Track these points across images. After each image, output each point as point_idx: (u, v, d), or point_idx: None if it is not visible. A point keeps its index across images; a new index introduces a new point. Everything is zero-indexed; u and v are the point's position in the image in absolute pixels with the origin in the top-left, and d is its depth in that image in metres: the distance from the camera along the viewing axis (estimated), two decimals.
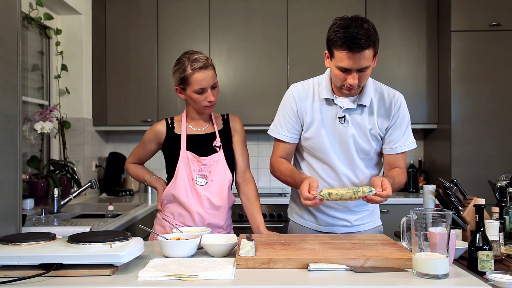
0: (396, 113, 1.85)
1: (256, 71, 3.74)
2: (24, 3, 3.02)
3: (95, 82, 3.80)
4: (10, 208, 1.61)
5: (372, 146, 1.87)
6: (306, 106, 1.87)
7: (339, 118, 1.83)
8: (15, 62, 1.64)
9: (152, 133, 2.05)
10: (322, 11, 3.69)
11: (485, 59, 3.45)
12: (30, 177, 3.02)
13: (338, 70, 1.70)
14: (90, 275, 1.30)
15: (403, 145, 1.88)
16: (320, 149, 1.88)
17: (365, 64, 1.66)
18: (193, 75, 1.88)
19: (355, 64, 1.66)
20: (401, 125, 1.86)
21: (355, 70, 1.68)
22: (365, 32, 1.62)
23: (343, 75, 1.70)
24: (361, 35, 1.61)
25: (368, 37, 1.62)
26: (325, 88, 1.85)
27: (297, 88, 1.91)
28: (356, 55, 1.63)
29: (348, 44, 1.62)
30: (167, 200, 2.00)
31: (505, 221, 1.85)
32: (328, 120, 1.86)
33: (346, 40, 1.62)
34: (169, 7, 3.77)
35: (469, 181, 3.20)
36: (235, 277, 1.30)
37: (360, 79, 1.71)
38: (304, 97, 1.88)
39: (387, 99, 1.86)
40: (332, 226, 1.95)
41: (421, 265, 1.29)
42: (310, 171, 1.93)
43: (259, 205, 2.01)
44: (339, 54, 1.66)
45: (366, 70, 1.69)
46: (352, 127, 1.84)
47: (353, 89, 1.75)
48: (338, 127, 1.84)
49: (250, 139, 4.02)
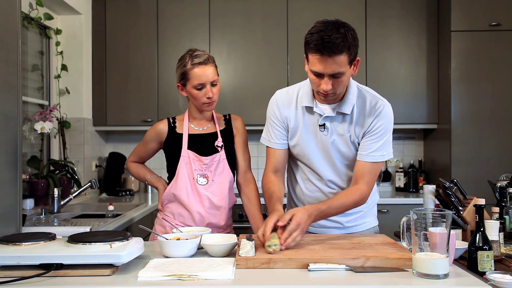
0: (373, 122, 1.76)
1: (256, 71, 3.74)
2: (24, 3, 3.02)
3: (95, 82, 3.80)
4: (10, 208, 1.61)
5: (352, 152, 1.82)
6: (289, 113, 1.85)
7: (320, 126, 1.80)
8: (15, 62, 1.64)
9: (153, 132, 2.05)
10: (322, 11, 3.69)
11: (485, 59, 3.44)
12: (30, 177, 3.02)
13: (312, 74, 1.65)
14: (90, 275, 1.30)
15: (372, 155, 1.76)
16: (305, 156, 1.86)
17: (337, 70, 1.59)
18: (192, 70, 1.89)
19: (327, 68, 1.59)
20: (375, 134, 1.77)
21: (327, 75, 1.61)
22: (340, 36, 1.55)
23: (317, 80, 1.65)
24: (334, 39, 1.55)
25: (342, 41, 1.56)
26: (305, 95, 1.82)
27: (280, 95, 1.89)
28: (328, 59, 1.57)
29: (318, 47, 1.56)
30: (168, 200, 2.00)
31: (505, 221, 1.85)
32: (310, 127, 1.83)
33: (317, 43, 1.56)
34: (169, 7, 3.77)
35: (469, 181, 3.20)
36: (235, 277, 1.30)
37: (335, 85, 1.64)
38: (287, 104, 1.85)
39: (368, 107, 1.78)
40: (324, 228, 1.92)
41: (421, 265, 1.29)
42: (301, 175, 1.93)
43: (260, 206, 2.02)
44: (312, 58, 1.61)
45: (340, 77, 1.62)
46: (333, 135, 1.80)
47: (329, 96, 1.69)
48: (319, 134, 1.81)
49: (250, 139, 3.99)
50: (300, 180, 1.93)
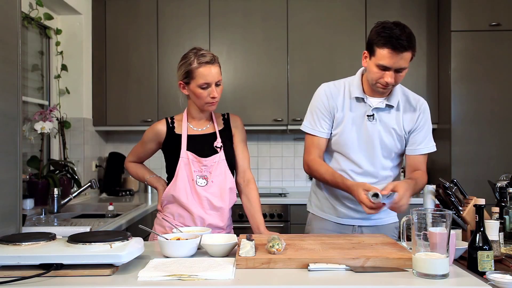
0: (420, 117, 1.97)
1: (256, 71, 3.74)
2: (24, 3, 3.02)
3: (95, 82, 3.80)
4: (10, 208, 1.61)
5: (395, 144, 1.97)
6: (337, 103, 1.97)
7: (368, 116, 1.93)
8: (15, 62, 1.64)
9: (152, 132, 2.04)
10: (322, 11, 3.69)
11: (485, 59, 3.44)
12: (30, 177, 3.02)
13: (377, 68, 1.81)
14: (90, 275, 1.30)
15: (425, 147, 1.99)
16: (347, 144, 1.96)
17: (403, 65, 1.78)
18: (199, 69, 1.89)
19: (395, 63, 1.77)
20: (424, 128, 1.98)
21: (393, 69, 1.79)
22: (407, 35, 1.76)
23: (381, 73, 1.81)
24: (404, 37, 1.74)
25: (410, 40, 1.76)
26: (356, 87, 1.96)
27: (328, 87, 2.01)
28: (398, 55, 1.75)
29: (392, 43, 1.74)
30: (167, 201, 2.00)
31: (505, 221, 1.85)
32: (357, 117, 1.95)
33: (391, 39, 1.74)
34: (169, 7, 3.77)
35: (469, 181, 3.19)
36: (235, 277, 1.30)
37: (396, 79, 1.82)
38: (335, 94, 1.98)
39: (413, 102, 1.99)
40: (351, 218, 2.02)
41: (421, 265, 1.29)
42: (333, 165, 2.00)
43: (260, 205, 2.01)
44: (382, 52, 1.77)
45: (402, 71, 1.81)
46: (379, 125, 1.94)
47: (387, 88, 1.86)
48: (366, 124, 1.94)
49: (250, 139, 4.02)
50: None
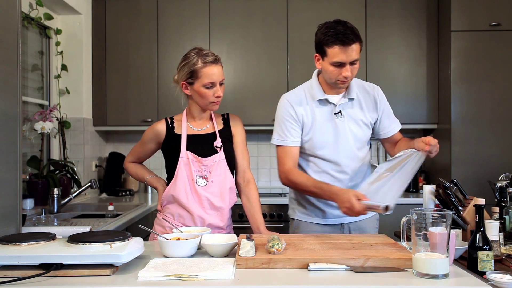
0: (380, 103, 2.05)
1: (256, 71, 3.74)
2: (24, 3, 3.02)
3: (95, 82, 3.80)
4: (10, 208, 1.61)
5: (364, 133, 2.04)
6: (303, 110, 2.00)
7: (336, 114, 1.99)
8: (15, 62, 1.64)
9: (151, 132, 2.04)
10: (322, 11, 3.69)
11: (485, 59, 3.44)
12: (30, 177, 3.02)
13: (333, 66, 1.87)
14: (90, 275, 1.30)
15: (396, 126, 2.11)
16: (322, 146, 1.99)
17: (355, 57, 1.85)
18: (204, 69, 1.89)
19: (348, 56, 1.83)
20: (386, 111, 2.08)
21: (348, 63, 1.85)
22: (351, 29, 1.83)
23: (337, 70, 1.87)
24: (349, 31, 1.82)
25: (354, 32, 1.83)
26: (317, 90, 2.01)
27: (290, 96, 2.05)
28: (348, 48, 1.82)
29: (340, 39, 1.81)
30: (167, 201, 2.00)
31: (505, 221, 1.85)
32: (325, 118, 2.00)
33: (338, 36, 1.81)
34: (169, 7, 3.77)
35: (469, 181, 3.20)
36: (235, 277, 1.30)
37: (352, 71, 1.89)
38: (298, 102, 2.01)
39: (370, 91, 2.05)
40: (338, 217, 2.05)
41: (421, 265, 1.29)
42: (313, 169, 2.03)
43: (260, 205, 2.01)
44: (333, 50, 1.84)
45: (356, 63, 1.88)
46: (347, 120, 2.00)
47: (346, 82, 1.92)
48: (335, 122, 1.99)
49: (250, 139, 4.02)
50: (313, 174, 2.02)
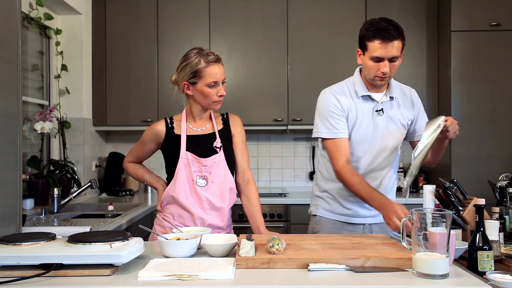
0: (417, 105, 2.12)
1: (256, 71, 3.74)
2: (24, 3, 3.02)
3: (95, 82, 3.80)
4: (10, 208, 1.61)
5: (402, 133, 2.09)
6: (347, 103, 2.02)
7: (377, 111, 2.02)
8: (15, 62, 1.64)
9: (151, 133, 2.04)
10: (322, 11, 3.69)
11: (485, 59, 3.44)
12: (30, 177, 3.02)
13: (372, 61, 1.91)
14: (90, 275, 1.30)
15: None
16: (361, 141, 2.02)
17: (395, 54, 1.87)
18: (207, 68, 1.90)
19: (388, 52, 1.86)
20: (421, 113, 2.13)
21: (387, 58, 1.88)
22: (394, 26, 1.87)
23: (376, 65, 1.91)
24: (392, 27, 1.86)
25: (397, 29, 1.87)
26: (360, 86, 2.03)
27: (333, 89, 2.07)
28: (388, 44, 1.86)
29: (381, 34, 1.85)
30: (167, 201, 2.00)
31: (505, 221, 1.85)
32: (366, 114, 2.03)
33: (379, 31, 1.85)
34: (169, 7, 3.77)
35: (469, 181, 3.20)
36: (235, 277, 1.30)
37: (391, 69, 1.91)
38: (343, 95, 2.04)
39: (407, 93, 2.11)
40: (363, 217, 2.08)
41: (421, 265, 1.29)
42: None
43: (259, 205, 2.01)
44: (373, 45, 1.88)
45: (396, 61, 1.90)
46: (386, 118, 2.04)
47: (385, 79, 1.94)
48: (375, 120, 2.02)
49: (250, 139, 4.02)
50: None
